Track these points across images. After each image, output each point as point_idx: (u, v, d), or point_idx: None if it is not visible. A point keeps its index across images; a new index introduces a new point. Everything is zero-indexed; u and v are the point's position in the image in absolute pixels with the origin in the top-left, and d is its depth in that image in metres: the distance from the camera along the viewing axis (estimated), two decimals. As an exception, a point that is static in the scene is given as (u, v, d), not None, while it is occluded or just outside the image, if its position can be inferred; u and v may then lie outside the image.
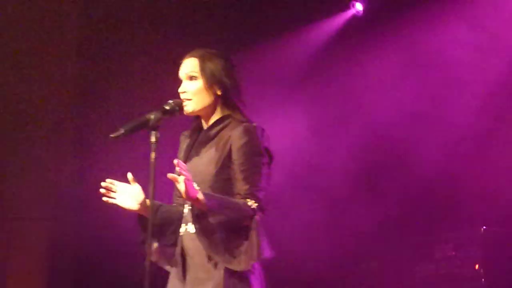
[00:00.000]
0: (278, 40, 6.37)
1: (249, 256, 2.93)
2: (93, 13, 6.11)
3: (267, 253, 2.98)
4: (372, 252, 5.93)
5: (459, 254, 5.37)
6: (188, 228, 3.05)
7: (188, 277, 3.03)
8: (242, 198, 2.98)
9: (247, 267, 2.94)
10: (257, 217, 2.96)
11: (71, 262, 6.15)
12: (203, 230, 2.97)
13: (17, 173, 6.11)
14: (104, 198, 3.07)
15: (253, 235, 2.93)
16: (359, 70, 6.19)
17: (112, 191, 3.06)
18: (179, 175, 2.84)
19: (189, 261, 3.04)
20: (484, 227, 5.30)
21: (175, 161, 2.86)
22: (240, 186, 3.00)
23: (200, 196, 2.87)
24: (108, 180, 3.07)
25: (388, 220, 5.90)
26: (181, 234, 3.09)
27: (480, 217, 5.52)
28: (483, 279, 5.18)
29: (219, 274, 2.95)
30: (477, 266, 5.24)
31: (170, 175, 2.85)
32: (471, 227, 5.45)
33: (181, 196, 2.97)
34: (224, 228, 2.92)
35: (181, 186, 2.84)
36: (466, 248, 5.34)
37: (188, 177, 2.84)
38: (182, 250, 3.05)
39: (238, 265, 2.93)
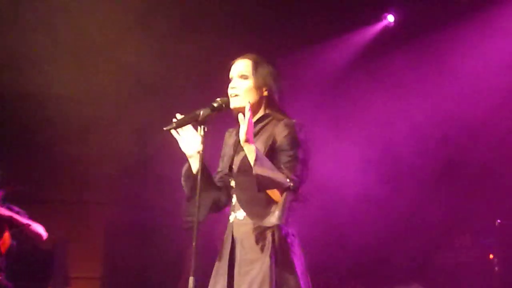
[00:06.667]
0: (312, 49, 6.69)
1: (278, 216, 3.16)
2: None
3: (293, 225, 3.26)
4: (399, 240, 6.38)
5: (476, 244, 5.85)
6: (237, 216, 3.32)
7: (237, 259, 3.27)
8: None
9: (277, 222, 3.16)
10: (289, 195, 3.18)
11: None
12: (244, 187, 3.26)
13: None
14: (171, 129, 3.29)
15: (284, 199, 3.18)
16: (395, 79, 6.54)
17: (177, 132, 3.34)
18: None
19: (238, 245, 3.29)
20: (499, 220, 5.69)
21: (247, 106, 3.18)
22: (282, 171, 3.21)
23: (253, 144, 3.17)
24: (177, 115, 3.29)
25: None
26: (230, 222, 3.35)
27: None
28: (496, 268, 5.61)
29: (266, 255, 3.19)
30: (491, 256, 5.68)
31: (241, 116, 3.16)
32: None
33: (226, 174, 3.37)
34: (261, 183, 3.13)
35: (245, 126, 3.14)
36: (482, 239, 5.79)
37: (251, 123, 3.18)
38: (232, 236, 3.31)
39: (269, 222, 3.19)
